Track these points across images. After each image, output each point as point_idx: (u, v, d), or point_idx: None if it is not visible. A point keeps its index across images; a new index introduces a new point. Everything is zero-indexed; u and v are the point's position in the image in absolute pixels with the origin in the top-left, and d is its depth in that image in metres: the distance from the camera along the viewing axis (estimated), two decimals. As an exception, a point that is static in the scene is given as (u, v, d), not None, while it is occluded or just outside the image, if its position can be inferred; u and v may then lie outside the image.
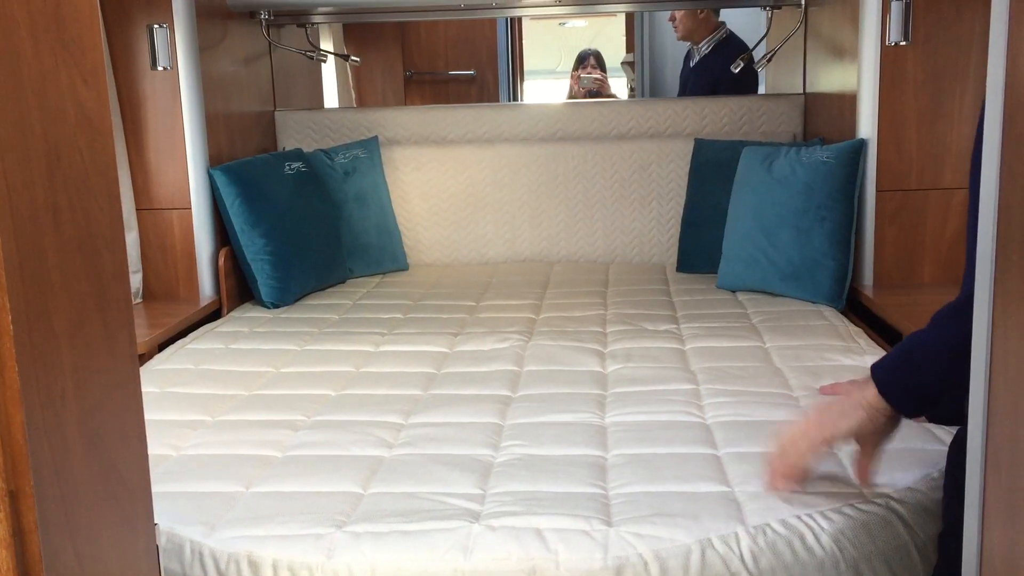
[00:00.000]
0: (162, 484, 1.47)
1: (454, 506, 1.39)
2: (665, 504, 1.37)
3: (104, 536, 0.83)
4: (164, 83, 2.67)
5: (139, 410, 0.92)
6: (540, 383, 1.97)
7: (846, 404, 1.33)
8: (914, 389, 1.27)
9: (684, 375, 1.98)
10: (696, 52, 4.07)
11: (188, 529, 1.34)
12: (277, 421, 1.78)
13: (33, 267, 0.72)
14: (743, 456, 1.54)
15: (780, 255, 2.60)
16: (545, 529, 1.31)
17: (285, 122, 3.32)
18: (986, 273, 0.88)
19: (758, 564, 1.27)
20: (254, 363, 2.18)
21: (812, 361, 2.04)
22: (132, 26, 2.64)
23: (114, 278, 0.86)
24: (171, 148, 2.71)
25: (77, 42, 0.81)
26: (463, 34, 5.50)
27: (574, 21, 6.23)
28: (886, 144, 2.57)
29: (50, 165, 0.76)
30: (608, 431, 1.69)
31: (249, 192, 2.72)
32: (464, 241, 3.30)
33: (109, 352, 0.85)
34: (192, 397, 1.94)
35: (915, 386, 1.27)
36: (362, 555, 1.28)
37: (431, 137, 3.31)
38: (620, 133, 3.26)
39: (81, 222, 0.81)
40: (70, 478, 0.77)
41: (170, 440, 1.69)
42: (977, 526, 0.89)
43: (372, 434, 1.69)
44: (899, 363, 1.30)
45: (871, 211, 2.60)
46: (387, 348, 2.28)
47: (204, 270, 2.76)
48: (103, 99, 0.85)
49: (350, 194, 3.10)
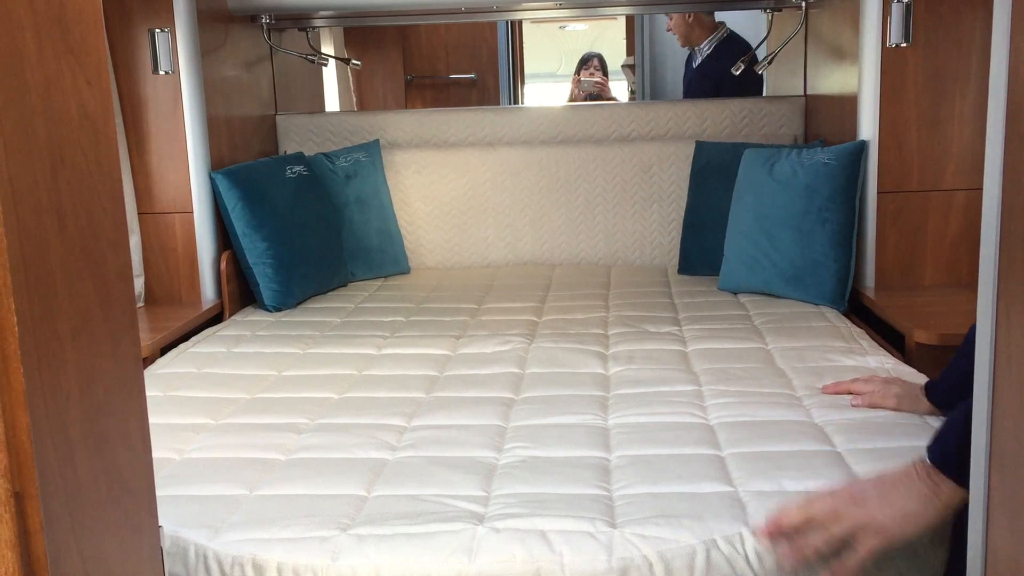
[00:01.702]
0: (166, 488, 1.47)
1: (458, 508, 1.39)
2: (669, 505, 1.37)
3: (109, 538, 0.83)
4: (166, 87, 2.68)
5: (143, 413, 0.92)
6: (543, 385, 1.97)
7: (915, 489, 1.10)
8: None
9: (686, 376, 1.98)
10: (698, 53, 4.07)
11: (192, 532, 1.34)
12: (280, 424, 1.78)
13: (37, 269, 0.72)
14: (747, 456, 1.54)
15: (782, 257, 2.60)
16: (549, 531, 1.31)
17: (286, 126, 3.33)
18: (990, 274, 0.88)
19: (763, 564, 1.27)
20: (257, 366, 2.18)
21: (815, 362, 2.04)
22: (134, 30, 2.64)
23: (118, 279, 0.86)
24: (173, 152, 2.71)
25: (81, 45, 0.82)
26: (464, 38, 5.51)
27: (574, 24, 6.23)
28: (887, 146, 2.57)
29: (54, 167, 0.76)
30: (611, 433, 1.69)
31: (251, 196, 2.73)
32: (465, 244, 3.30)
33: (113, 354, 0.85)
34: (195, 401, 1.94)
35: None
36: (366, 558, 1.28)
37: (432, 140, 3.32)
38: (621, 136, 3.26)
39: (85, 224, 0.81)
40: (75, 480, 0.77)
41: (173, 444, 1.69)
42: (981, 525, 0.89)
43: (375, 437, 1.69)
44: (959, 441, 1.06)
45: (872, 213, 2.60)
46: (389, 351, 2.28)
47: (206, 274, 2.76)
48: (106, 101, 0.86)
49: (351, 197, 3.10)
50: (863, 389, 1.77)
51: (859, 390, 1.77)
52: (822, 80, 3.01)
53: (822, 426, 1.67)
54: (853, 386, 1.80)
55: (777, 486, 1.42)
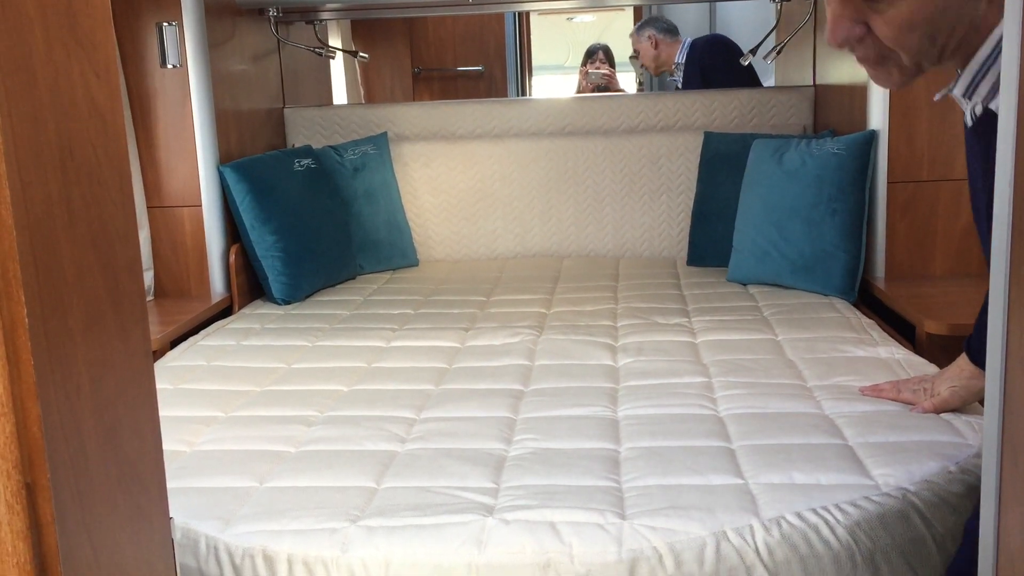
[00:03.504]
0: (176, 480, 1.47)
1: (468, 500, 1.39)
2: (679, 497, 1.37)
3: (120, 529, 0.83)
4: (174, 81, 2.68)
5: (153, 404, 0.92)
6: (552, 377, 1.97)
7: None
8: None
9: (696, 368, 1.98)
10: (677, 70, 4.20)
11: (203, 524, 1.35)
12: (290, 417, 1.79)
13: (47, 261, 0.72)
14: (757, 448, 1.53)
15: (791, 248, 2.59)
16: (559, 522, 1.31)
17: (294, 119, 3.33)
18: (1002, 260, 0.88)
19: (773, 557, 1.27)
20: (266, 359, 2.18)
21: (825, 353, 2.04)
22: (142, 24, 2.65)
23: (127, 272, 0.86)
24: (181, 146, 2.71)
25: (89, 38, 0.81)
26: (471, 30, 5.49)
27: (582, 16, 6.21)
28: (897, 135, 2.56)
29: (63, 160, 0.76)
30: (621, 424, 1.69)
31: (259, 189, 2.73)
32: (474, 236, 3.30)
33: (123, 346, 0.85)
34: (205, 393, 1.95)
35: None
36: (376, 549, 1.28)
37: (440, 133, 3.31)
38: (629, 127, 3.25)
39: (94, 216, 0.81)
40: (86, 472, 0.77)
41: (184, 436, 1.70)
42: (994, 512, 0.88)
43: (385, 429, 1.69)
44: None
45: (882, 203, 2.59)
46: (398, 344, 2.28)
47: (215, 267, 2.77)
48: (115, 94, 0.86)
49: (360, 190, 3.10)
50: (912, 399, 1.69)
51: (909, 400, 1.69)
52: (831, 70, 3.00)
53: (833, 418, 1.66)
54: (901, 396, 1.71)
55: (787, 478, 1.42)
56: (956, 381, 1.64)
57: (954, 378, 1.65)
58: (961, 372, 1.64)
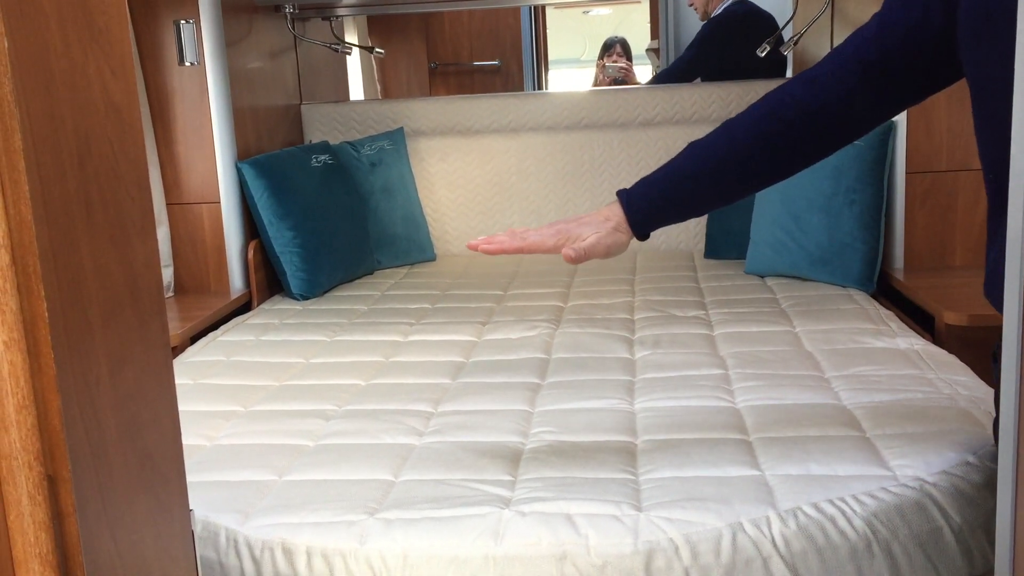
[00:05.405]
0: (196, 474, 1.49)
1: (485, 492, 1.40)
2: (695, 489, 1.37)
3: (140, 521, 0.84)
4: (192, 78, 2.70)
5: (172, 398, 0.93)
6: (569, 370, 1.97)
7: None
8: None
9: (713, 360, 1.97)
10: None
11: (223, 517, 1.36)
12: (308, 411, 1.80)
13: (66, 256, 0.73)
14: (774, 440, 1.53)
15: (809, 239, 2.58)
16: (575, 514, 1.31)
17: (311, 115, 3.34)
18: (1016, 252, 0.87)
19: (790, 548, 1.27)
20: (285, 354, 2.20)
21: (843, 344, 2.03)
22: (159, 22, 2.66)
23: (145, 267, 0.87)
24: (199, 143, 2.73)
25: (105, 34, 0.82)
26: (487, 24, 5.49)
27: (598, 9, 6.20)
28: (915, 126, 2.54)
29: (81, 156, 0.77)
30: (637, 417, 1.69)
31: (277, 185, 2.74)
32: (491, 230, 3.30)
33: (142, 340, 0.86)
34: (224, 388, 1.96)
35: None
36: (394, 541, 1.29)
37: (456, 128, 3.32)
38: (645, 120, 3.24)
39: (112, 212, 0.82)
40: (106, 464, 0.78)
41: (203, 430, 1.71)
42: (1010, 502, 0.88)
43: (402, 422, 1.70)
44: None
45: (901, 193, 2.57)
46: (416, 338, 2.29)
47: (234, 263, 2.78)
48: (132, 90, 0.86)
49: (377, 186, 3.11)
50: (543, 243, 1.46)
51: (537, 243, 1.47)
52: (849, 60, 2.97)
53: (851, 409, 1.66)
54: (528, 242, 1.48)
55: (804, 470, 1.42)
56: (600, 228, 1.45)
57: (598, 224, 1.46)
58: (607, 221, 1.46)
